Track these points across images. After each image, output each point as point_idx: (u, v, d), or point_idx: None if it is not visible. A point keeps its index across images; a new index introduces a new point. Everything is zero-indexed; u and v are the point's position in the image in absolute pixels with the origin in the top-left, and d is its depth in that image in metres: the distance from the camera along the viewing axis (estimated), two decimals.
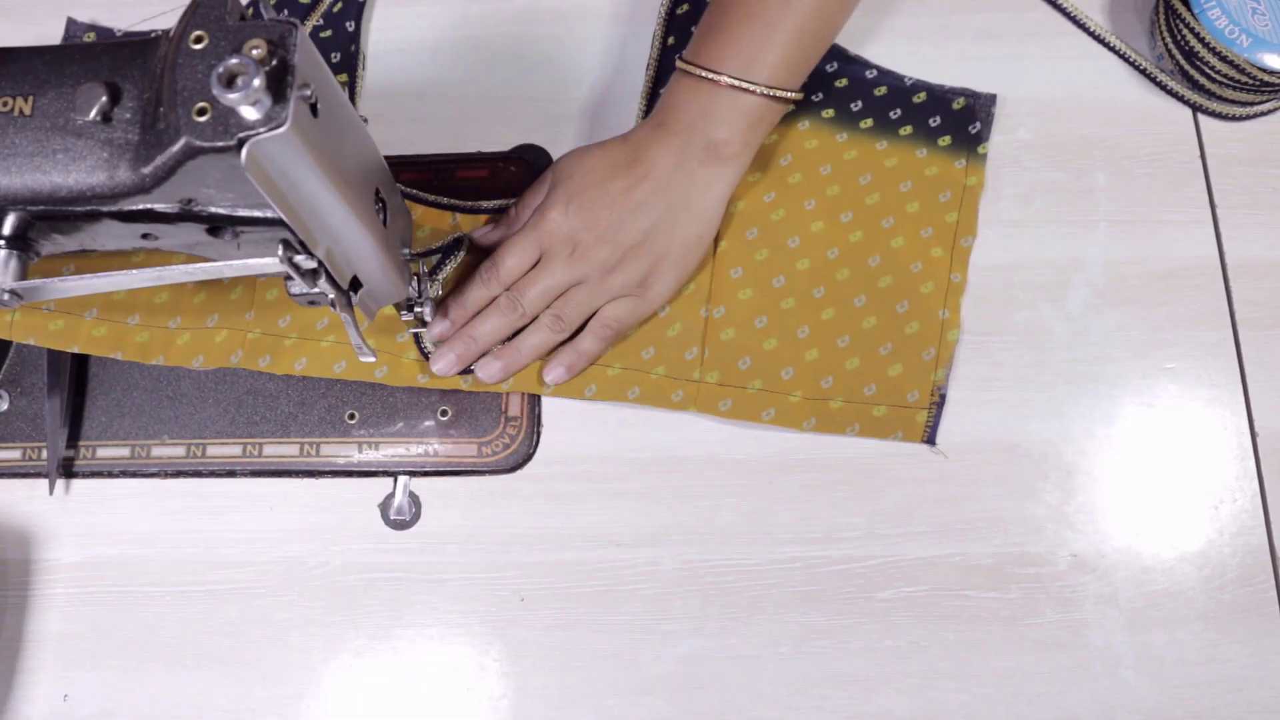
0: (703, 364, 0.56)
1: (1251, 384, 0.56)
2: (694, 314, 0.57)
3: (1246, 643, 0.52)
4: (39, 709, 0.53)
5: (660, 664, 0.53)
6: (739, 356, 0.56)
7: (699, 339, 0.56)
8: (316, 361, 0.56)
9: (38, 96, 0.39)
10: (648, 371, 0.56)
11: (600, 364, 0.56)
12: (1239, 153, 0.60)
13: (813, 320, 0.56)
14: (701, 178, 0.54)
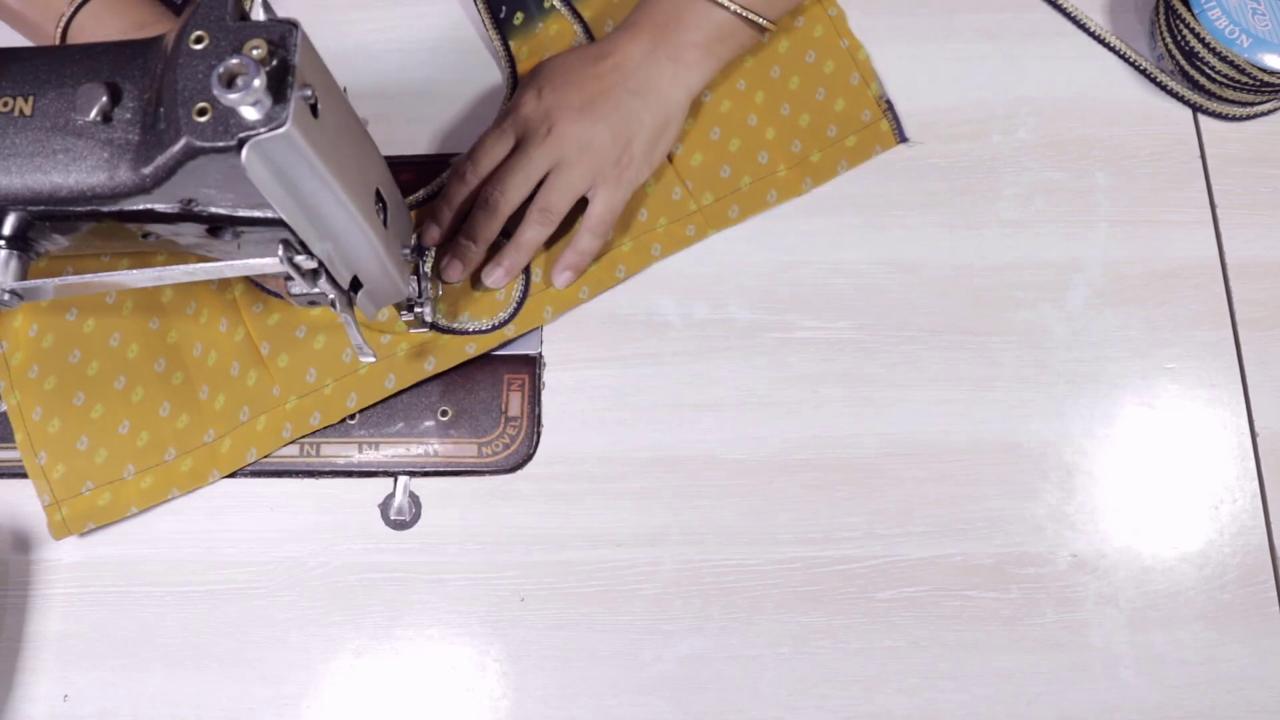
0: (693, 194, 0.59)
1: (1251, 384, 0.56)
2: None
3: (1246, 643, 0.52)
4: (39, 709, 0.53)
5: (660, 664, 0.53)
6: (717, 169, 0.60)
7: (675, 179, 0.59)
8: (365, 389, 0.56)
9: (38, 96, 0.39)
10: (654, 228, 0.59)
11: (613, 247, 0.58)
12: (1239, 153, 0.60)
13: (753, 107, 0.61)
14: (669, 70, 0.56)
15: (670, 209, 0.59)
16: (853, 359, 0.57)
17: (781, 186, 0.60)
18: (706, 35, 0.56)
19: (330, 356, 0.56)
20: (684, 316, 0.58)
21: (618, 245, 0.58)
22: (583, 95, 0.55)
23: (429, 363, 0.56)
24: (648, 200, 0.59)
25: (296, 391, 0.56)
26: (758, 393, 0.57)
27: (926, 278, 0.58)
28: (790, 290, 0.59)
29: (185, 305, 0.57)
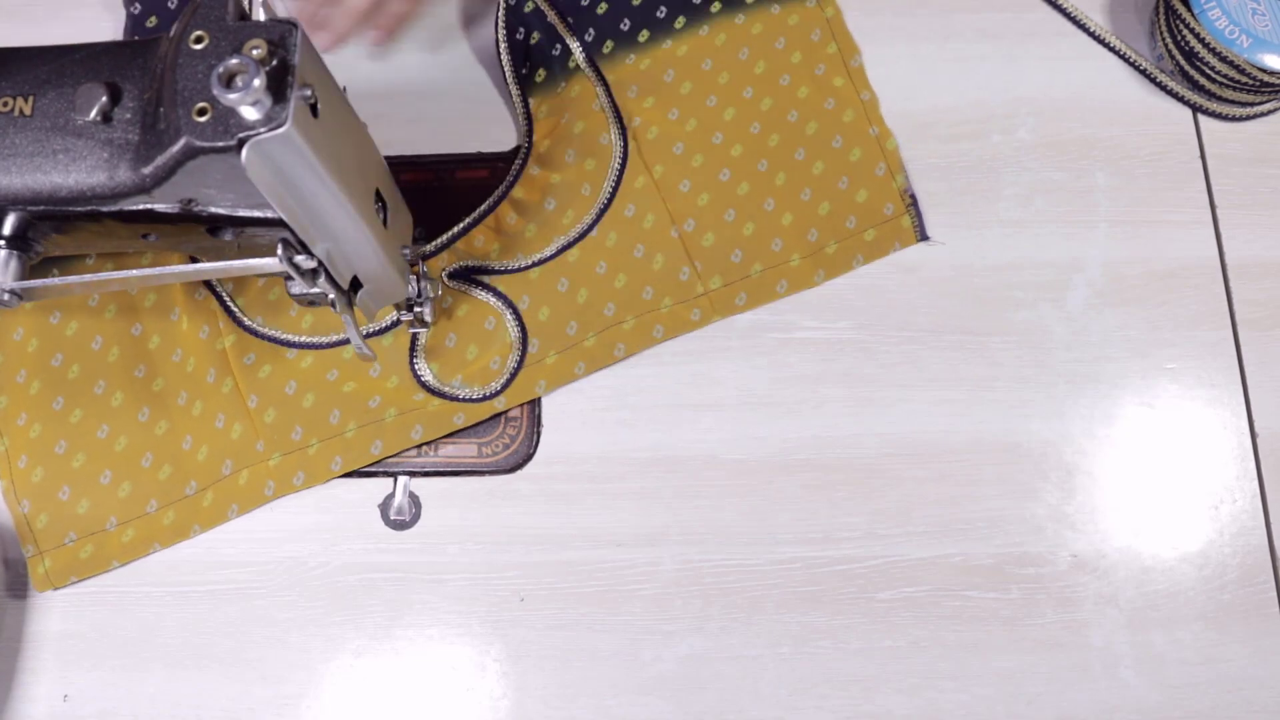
0: (701, 276, 0.57)
1: (1251, 384, 0.56)
2: (667, 240, 0.58)
3: (1246, 643, 0.52)
4: (39, 709, 0.53)
5: (660, 664, 0.53)
6: (728, 253, 0.58)
7: (684, 258, 0.58)
8: (350, 454, 0.56)
9: (38, 96, 0.39)
10: (658, 308, 0.57)
11: (614, 321, 0.57)
12: (1239, 153, 0.60)
13: (772, 191, 0.59)
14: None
15: (677, 289, 0.57)
16: (853, 359, 0.57)
17: (793, 277, 0.58)
18: None
19: (318, 416, 0.56)
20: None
21: (619, 323, 0.57)
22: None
23: (416, 431, 0.56)
24: (653, 277, 0.57)
25: (281, 449, 0.55)
26: (758, 393, 0.57)
27: (926, 278, 0.58)
28: None
29: (171, 352, 0.57)
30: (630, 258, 0.57)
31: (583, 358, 0.57)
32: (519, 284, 0.57)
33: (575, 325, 0.56)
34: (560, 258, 0.57)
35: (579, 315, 0.57)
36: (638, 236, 0.57)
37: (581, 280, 0.57)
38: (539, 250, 0.57)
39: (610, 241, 0.57)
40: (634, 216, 0.57)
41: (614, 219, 0.57)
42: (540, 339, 0.56)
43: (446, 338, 0.56)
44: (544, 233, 0.57)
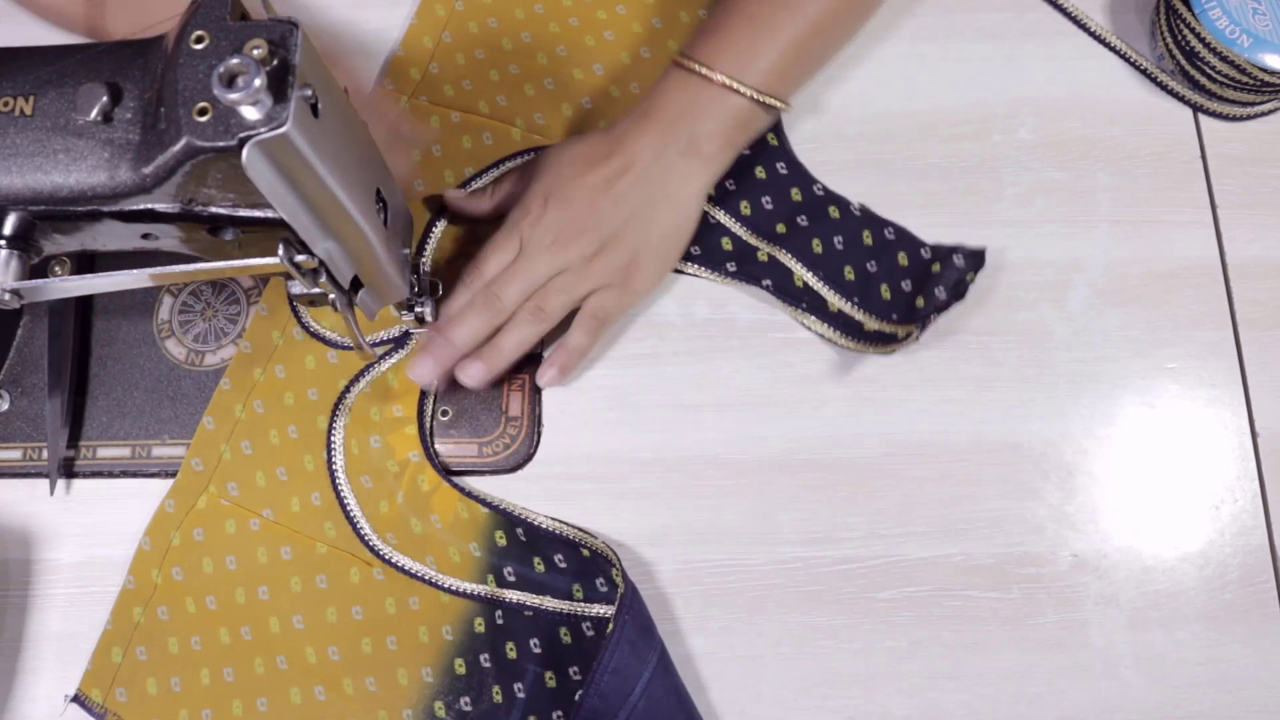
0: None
1: (1252, 384, 0.56)
2: None
3: (1247, 643, 0.52)
4: (39, 709, 0.53)
5: None
6: None
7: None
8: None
9: (39, 96, 0.39)
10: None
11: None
12: (1239, 153, 0.60)
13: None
14: (681, 169, 0.54)
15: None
16: (853, 359, 0.57)
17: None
18: (723, 125, 0.54)
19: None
20: (685, 316, 0.58)
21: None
22: (590, 206, 0.53)
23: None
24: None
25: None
26: (759, 393, 0.57)
27: None
28: None
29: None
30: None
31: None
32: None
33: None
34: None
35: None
36: None
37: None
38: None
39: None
40: None
41: None
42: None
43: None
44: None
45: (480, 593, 0.53)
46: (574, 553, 0.53)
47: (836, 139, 0.61)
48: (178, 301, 0.60)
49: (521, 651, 0.52)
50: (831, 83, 0.62)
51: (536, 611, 0.52)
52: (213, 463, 0.55)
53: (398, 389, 0.56)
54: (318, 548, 0.54)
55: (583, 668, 0.51)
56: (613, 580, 0.52)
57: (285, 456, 0.55)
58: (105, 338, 0.59)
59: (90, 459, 0.57)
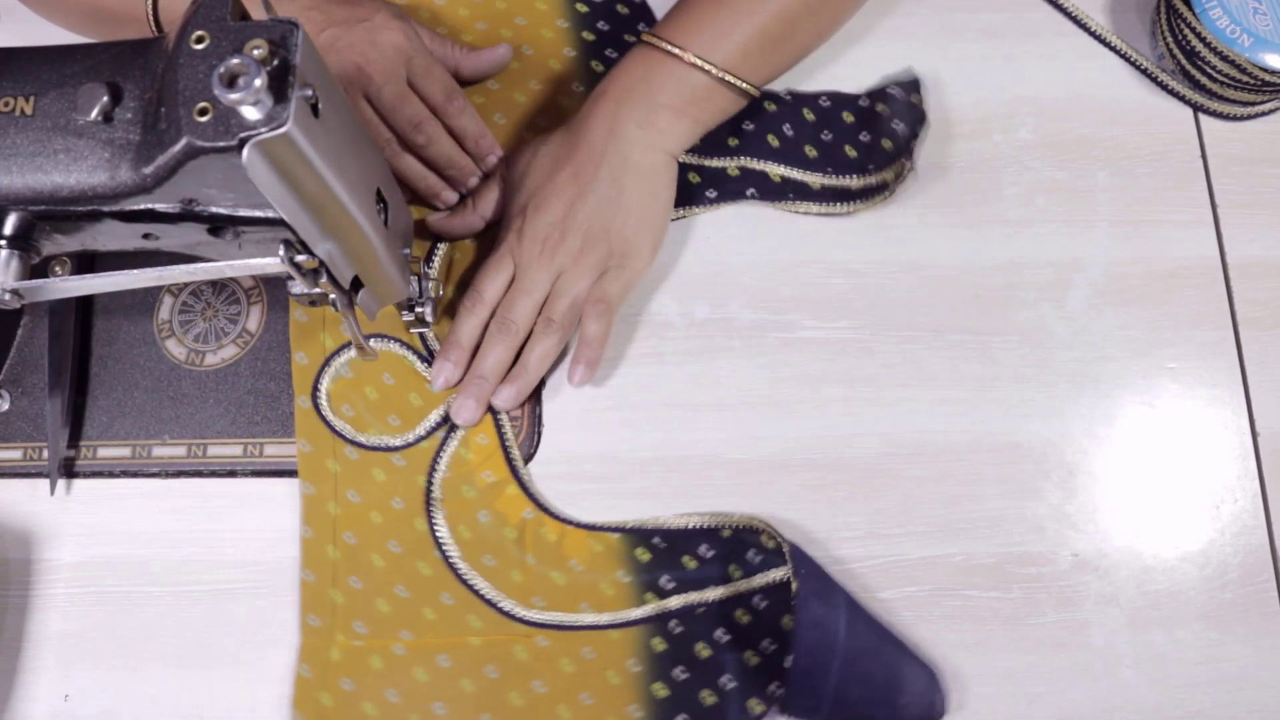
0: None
1: (1252, 384, 0.56)
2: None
3: (1247, 642, 0.52)
4: (40, 709, 0.53)
5: None
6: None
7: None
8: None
9: (39, 96, 0.39)
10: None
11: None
12: (1240, 153, 0.60)
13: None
14: (640, 140, 0.55)
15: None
16: (854, 359, 0.57)
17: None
18: (679, 97, 0.55)
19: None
20: (685, 316, 0.58)
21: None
22: (563, 203, 0.54)
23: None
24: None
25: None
26: (759, 392, 0.57)
27: (927, 277, 0.58)
28: (792, 290, 0.58)
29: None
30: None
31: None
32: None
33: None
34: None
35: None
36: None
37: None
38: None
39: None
40: None
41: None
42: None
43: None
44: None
45: (646, 614, 0.52)
46: (715, 538, 0.53)
47: None
48: (178, 301, 0.60)
49: (713, 646, 0.52)
50: (831, 82, 0.62)
51: (706, 606, 0.52)
52: (328, 613, 0.52)
53: (476, 459, 0.55)
54: (471, 642, 0.52)
55: (774, 637, 0.51)
56: (763, 547, 0.53)
57: (398, 574, 0.53)
58: (105, 338, 0.59)
59: (90, 459, 0.57)
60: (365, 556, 0.53)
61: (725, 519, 0.54)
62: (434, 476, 0.54)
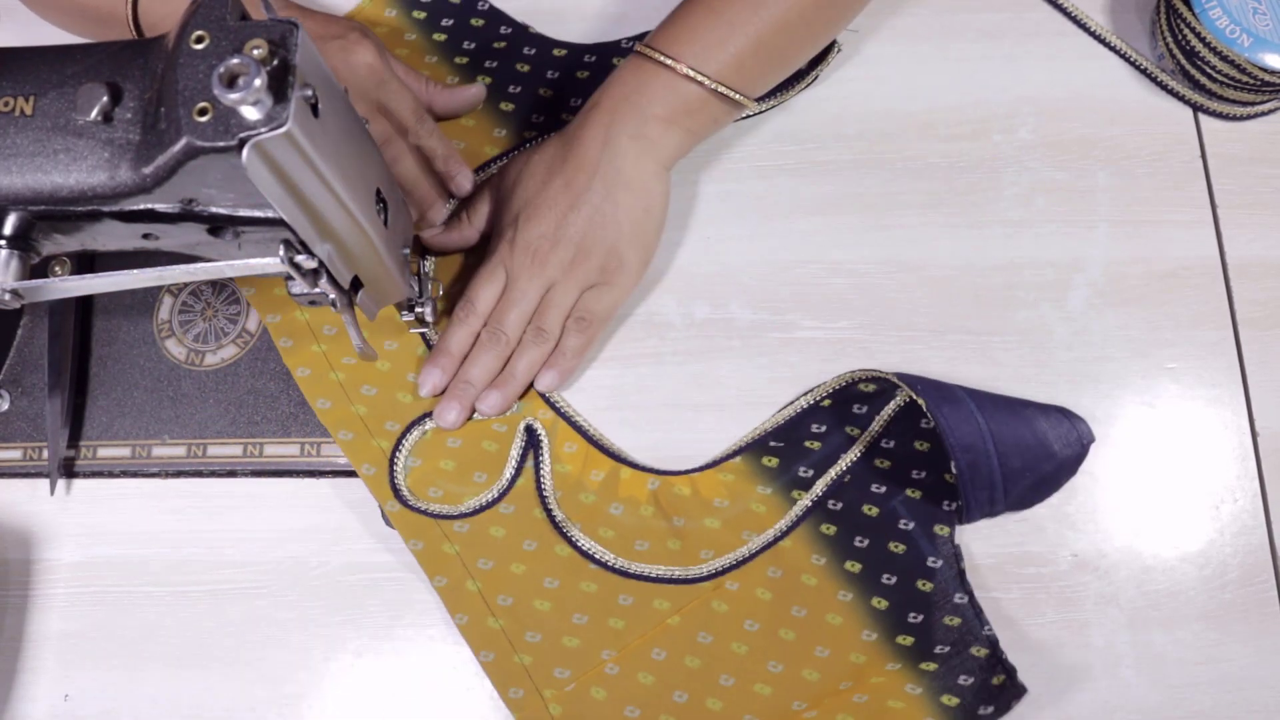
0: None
1: (1252, 384, 0.56)
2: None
3: (1247, 642, 0.52)
4: (40, 709, 0.53)
5: None
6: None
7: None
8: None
9: (39, 96, 0.39)
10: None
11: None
12: (1240, 153, 0.60)
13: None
14: (632, 152, 0.55)
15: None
16: (854, 359, 0.57)
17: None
18: (670, 108, 0.54)
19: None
20: (685, 316, 0.58)
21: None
22: (555, 214, 0.54)
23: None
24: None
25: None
26: (759, 392, 0.57)
27: (927, 278, 0.58)
28: (791, 290, 0.58)
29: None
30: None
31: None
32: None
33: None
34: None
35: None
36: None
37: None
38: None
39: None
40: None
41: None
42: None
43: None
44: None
45: (803, 508, 0.53)
46: (819, 411, 0.55)
47: (836, 139, 0.61)
48: (178, 301, 0.60)
49: (875, 503, 0.53)
50: (832, 83, 0.62)
51: (849, 472, 0.53)
52: (524, 678, 0.51)
53: (574, 467, 0.55)
54: (671, 623, 0.52)
55: (918, 465, 0.53)
56: (862, 394, 0.54)
57: (568, 605, 0.52)
58: (105, 338, 0.59)
59: (90, 459, 0.57)
60: (528, 608, 0.52)
61: (817, 391, 0.55)
62: (548, 504, 0.54)
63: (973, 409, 0.50)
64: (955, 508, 0.52)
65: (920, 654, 0.51)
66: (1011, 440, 0.50)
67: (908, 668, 0.51)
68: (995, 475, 0.50)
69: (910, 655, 0.51)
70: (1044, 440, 0.51)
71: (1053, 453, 0.50)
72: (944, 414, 0.50)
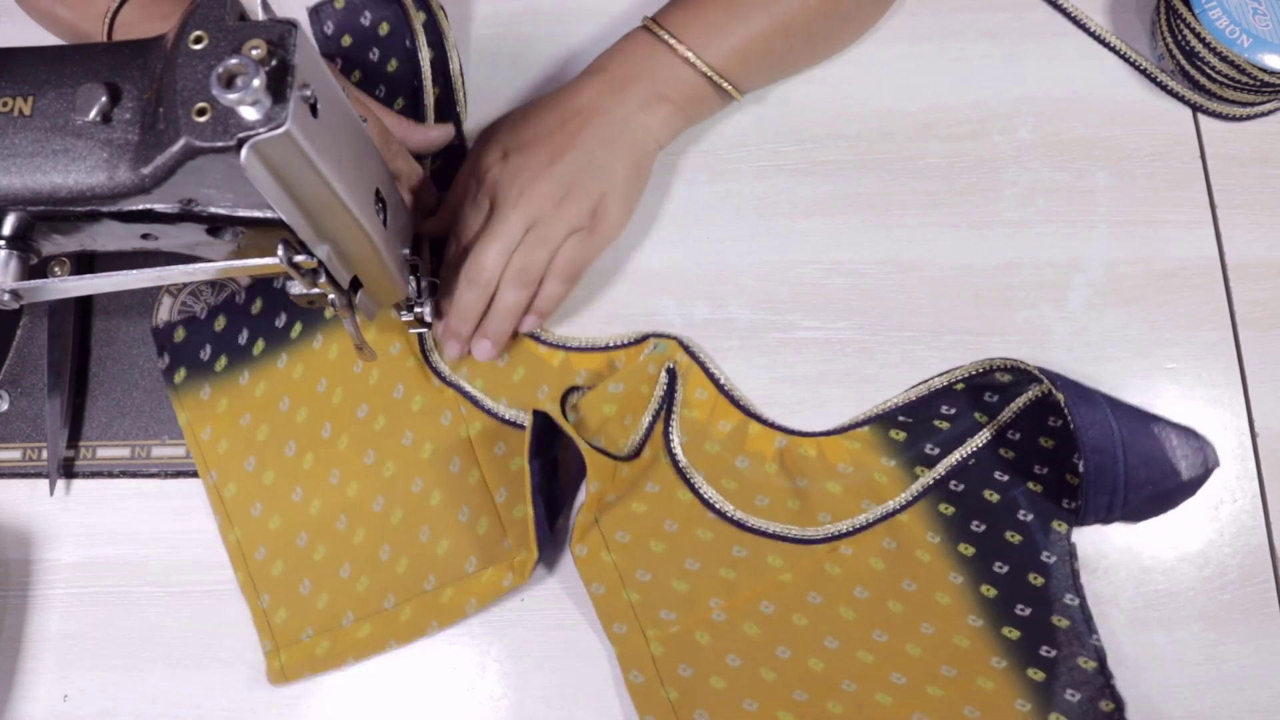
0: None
1: (1251, 384, 0.56)
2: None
3: (1246, 643, 0.52)
4: (39, 709, 0.53)
5: None
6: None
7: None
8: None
9: (38, 97, 0.39)
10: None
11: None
12: (1239, 153, 0.60)
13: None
14: (639, 119, 0.55)
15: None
16: (853, 359, 0.57)
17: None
18: (679, 93, 0.55)
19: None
20: (684, 316, 0.58)
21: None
22: (550, 150, 0.53)
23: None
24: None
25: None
26: (758, 393, 0.57)
27: (927, 278, 0.58)
28: (791, 290, 0.58)
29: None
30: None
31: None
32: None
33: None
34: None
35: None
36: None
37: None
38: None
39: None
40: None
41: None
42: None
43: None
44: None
45: (925, 485, 0.53)
46: (951, 394, 0.55)
47: (836, 139, 0.61)
48: (177, 301, 0.60)
49: (997, 489, 0.53)
50: (832, 82, 0.62)
51: (974, 456, 0.53)
52: (629, 615, 0.52)
53: (702, 414, 0.55)
54: (783, 579, 0.52)
55: (1041, 460, 0.53)
56: (996, 384, 0.55)
57: (682, 549, 0.52)
58: (105, 338, 0.59)
59: (90, 459, 0.57)
60: (643, 548, 0.53)
61: (952, 373, 0.55)
62: (673, 449, 0.54)
63: (1108, 413, 0.50)
64: (1074, 507, 0.52)
65: (1026, 653, 0.50)
66: (1141, 450, 0.50)
67: (1014, 670, 0.50)
68: (1119, 481, 0.49)
69: (1017, 653, 0.50)
70: (1172, 457, 0.50)
71: (1177, 471, 0.50)
72: (1080, 413, 0.49)
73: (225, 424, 0.56)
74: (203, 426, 0.56)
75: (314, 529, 0.54)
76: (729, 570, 0.52)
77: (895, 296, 0.58)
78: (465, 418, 0.55)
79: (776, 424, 0.55)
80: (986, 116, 0.61)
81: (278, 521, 0.55)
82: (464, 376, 0.56)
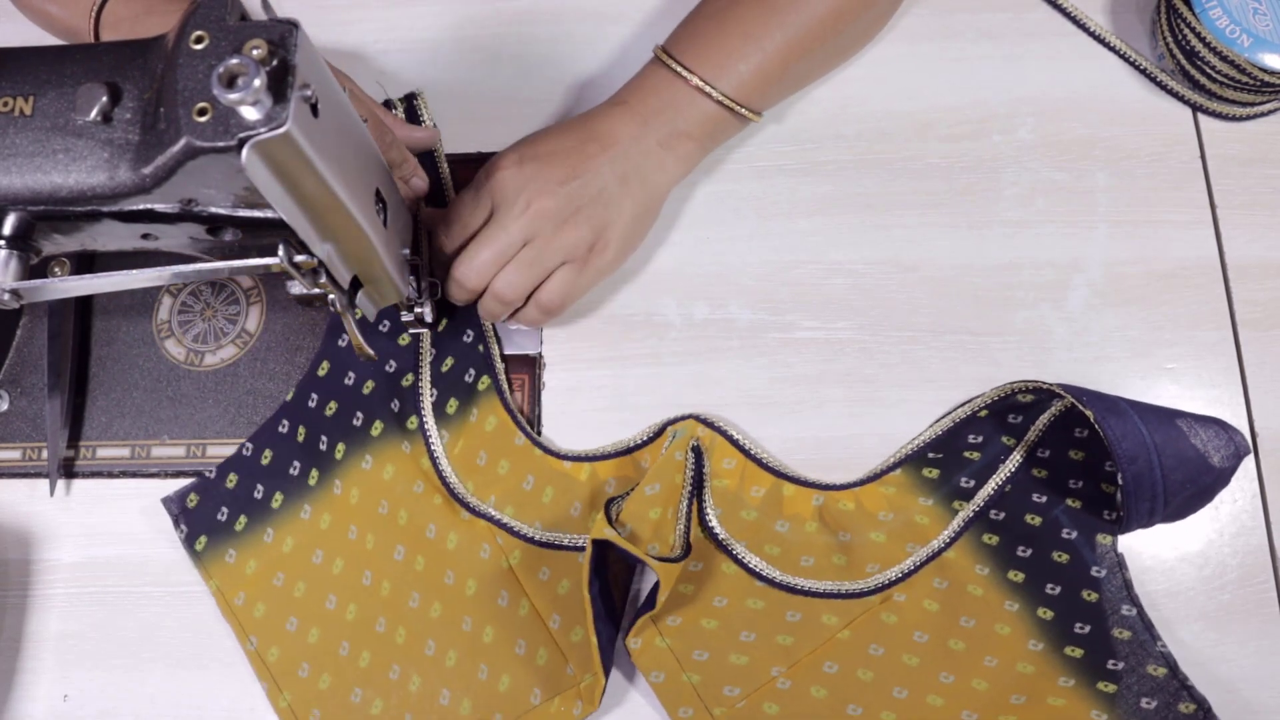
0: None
1: (1251, 384, 0.56)
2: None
3: (1246, 643, 0.52)
4: (39, 709, 0.53)
5: None
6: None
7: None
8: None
9: (38, 96, 0.39)
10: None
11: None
12: (1239, 153, 0.60)
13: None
14: (657, 157, 0.55)
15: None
16: (853, 359, 0.57)
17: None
18: (700, 127, 0.55)
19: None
20: (684, 316, 0.58)
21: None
22: (565, 168, 0.52)
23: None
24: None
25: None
26: (758, 393, 0.57)
27: (927, 278, 0.58)
28: (791, 290, 0.59)
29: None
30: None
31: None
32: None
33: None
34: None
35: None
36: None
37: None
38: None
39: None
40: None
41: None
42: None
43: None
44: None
45: (966, 519, 0.53)
46: (976, 422, 0.54)
47: (836, 139, 0.61)
48: (177, 301, 0.60)
49: (1038, 512, 0.52)
50: (831, 83, 0.62)
51: (1009, 481, 0.53)
52: (693, 699, 0.50)
53: (733, 482, 0.54)
54: (842, 638, 0.51)
55: (1075, 475, 0.52)
56: (1018, 404, 0.54)
57: (735, 623, 0.52)
58: (105, 338, 0.59)
59: (90, 459, 0.57)
60: (695, 627, 0.51)
61: (974, 402, 0.55)
62: (709, 522, 0.53)
63: (1137, 421, 0.50)
64: (1115, 518, 0.52)
65: (1094, 669, 0.50)
66: (1174, 453, 0.49)
67: (1083, 686, 0.50)
68: (1158, 486, 0.49)
69: (1083, 670, 0.50)
70: (1205, 452, 0.50)
71: (1212, 465, 0.50)
72: (1110, 425, 0.49)
73: (259, 587, 0.54)
74: (235, 593, 0.54)
75: (367, 682, 0.52)
76: (785, 636, 0.51)
77: (895, 296, 0.58)
78: (503, 548, 0.54)
79: (808, 481, 0.54)
80: (986, 116, 0.61)
81: (328, 680, 0.52)
82: (492, 505, 0.54)
